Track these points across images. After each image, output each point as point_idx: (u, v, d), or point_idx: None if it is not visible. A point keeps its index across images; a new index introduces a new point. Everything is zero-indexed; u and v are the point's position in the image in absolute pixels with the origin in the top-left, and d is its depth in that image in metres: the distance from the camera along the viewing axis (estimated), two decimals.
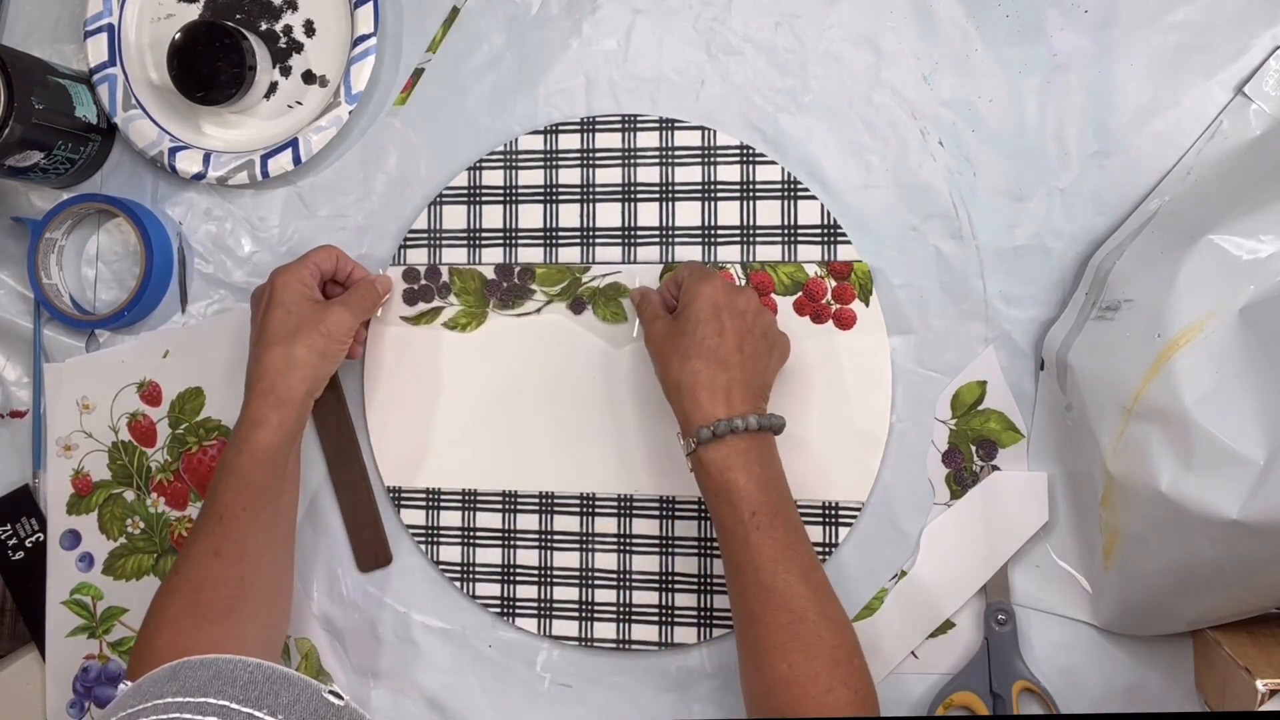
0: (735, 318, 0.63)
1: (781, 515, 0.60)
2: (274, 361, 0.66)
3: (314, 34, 0.76)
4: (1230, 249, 0.55)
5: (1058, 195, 0.68)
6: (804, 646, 0.58)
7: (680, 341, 0.63)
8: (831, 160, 0.71)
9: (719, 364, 0.62)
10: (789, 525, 0.60)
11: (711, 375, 0.61)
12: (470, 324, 0.74)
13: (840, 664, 0.58)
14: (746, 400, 0.61)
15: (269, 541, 0.67)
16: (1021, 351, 0.69)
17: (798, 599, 0.59)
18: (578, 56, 0.74)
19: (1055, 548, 0.68)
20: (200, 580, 0.65)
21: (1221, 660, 0.61)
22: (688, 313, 0.63)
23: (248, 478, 0.65)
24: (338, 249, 0.72)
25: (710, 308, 0.63)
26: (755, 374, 0.63)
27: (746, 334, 0.63)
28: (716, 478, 0.61)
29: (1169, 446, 0.55)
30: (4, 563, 0.80)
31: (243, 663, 0.54)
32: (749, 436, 0.61)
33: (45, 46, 0.80)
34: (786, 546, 0.60)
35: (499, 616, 0.74)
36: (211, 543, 0.65)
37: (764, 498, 0.60)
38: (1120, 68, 0.67)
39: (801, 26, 0.71)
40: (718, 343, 0.62)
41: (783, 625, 0.58)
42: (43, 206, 0.80)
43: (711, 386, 0.61)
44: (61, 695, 0.79)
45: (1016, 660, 0.67)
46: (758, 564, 0.59)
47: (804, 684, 0.58)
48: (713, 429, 0.60)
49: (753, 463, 0.60)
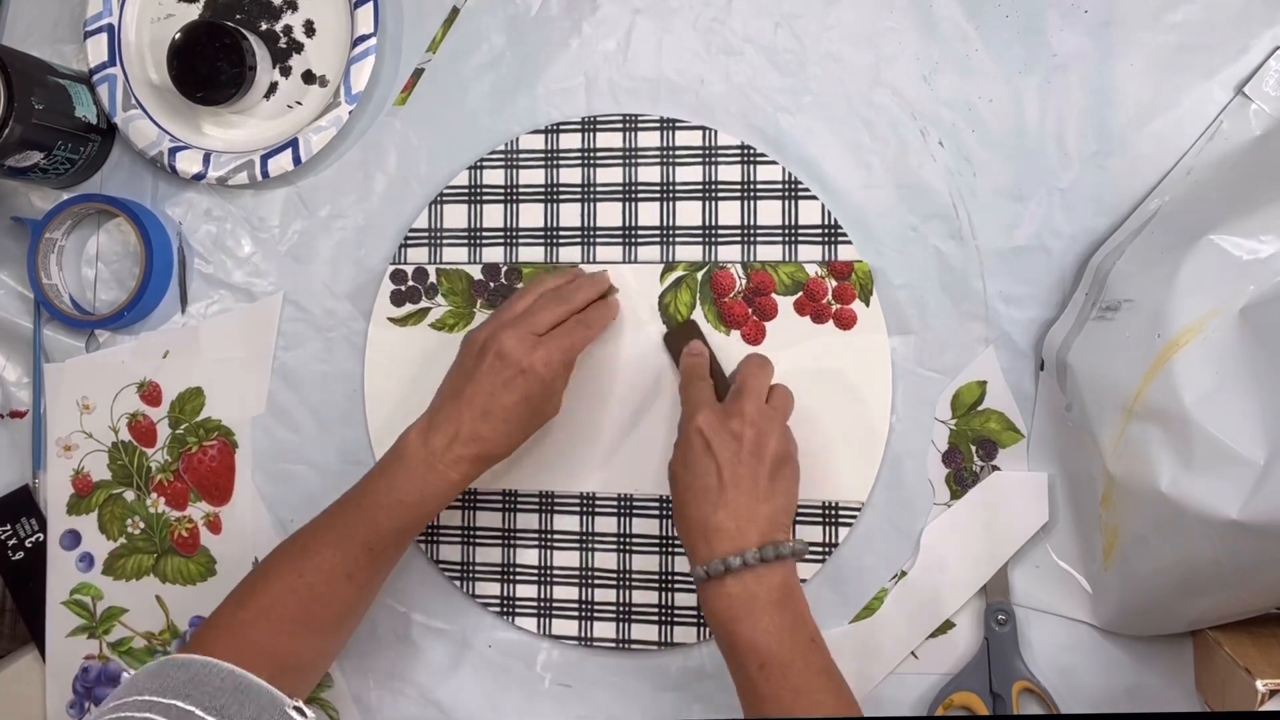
0: (725, 447, 0.59)
1: (798, 664, 0.55)
2: (497, 433, 0.63)
3: (314, 34, 0.76)
4: (1230, 249, 0.55)
5: (1058, 195, 0.68)
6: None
7: (682, 475, 0.60)
8: (831, 160, 0.71)
9: (712, 504, 0.58)
10: (807, 671, 0.56)
11: (704, 515, 0.58)
12: (458, 324, 0.74)
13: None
14: (746, 534, 0.57)
15: (387, 577, 0.67)
16: (1021, 351, 0.69)
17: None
18: (578, 56, 0.74)
19: (1055, 548, 0.68)
20: (324, 595, 0.62)
21: (1221, 660, 0.61)
22: (683, 449, 0.61)
23: (410, 519, 0.63)
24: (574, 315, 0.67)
25: (700, 440, 0.60)
26: (759, 504, 0.58)
27: (741, 465, 0.59)
28: (720, 629, 0.57)
29: (1169, 446, 0.55)
30: (4, 563, 0.80)
31: (216, 668, 0.55)
32: (754, 575, 0.57)
33: (45, 46, 0.80)
34: (804, 695, 0.55)
35: (499, 616, 0.74)
36: (349, 568, 0.63)
37: (776, 649, 0.55)
38: (1120, 68, 0.67)
39: (801, 26, 0.71)
40: (708, 482, 0.59)
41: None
42: (43, 206, 0.80)
43: (705, 528, 0.58)
44: (61, 695, 0.79)
45: (1016, 660, 0.67)
46: (767, 712, 0.55)
47: None
48: (706, 569, 0.57)
49: (760, 610, 0.56)
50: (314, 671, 0.67)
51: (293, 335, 0.77)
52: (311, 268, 0.77)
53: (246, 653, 0.61)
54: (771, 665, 0.55)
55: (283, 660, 0.62)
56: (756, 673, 0.56)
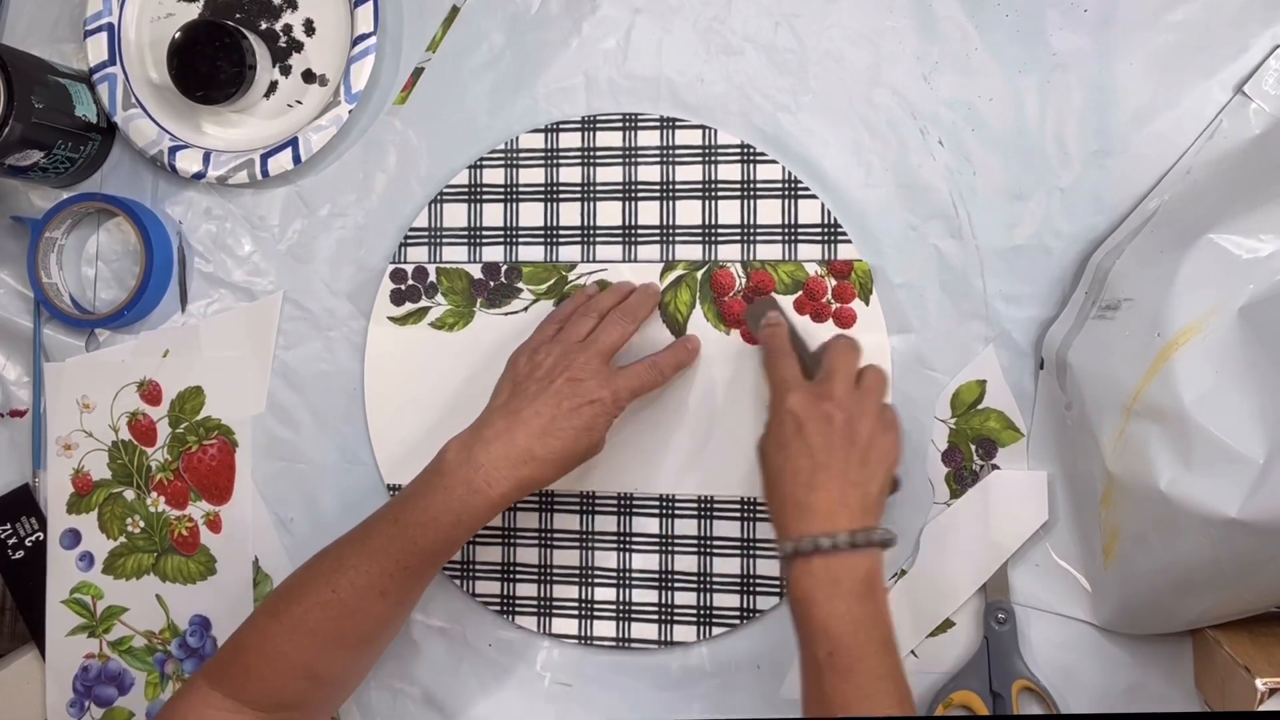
0: (818, 431, 0.59)
1: (867, 661, 0.55)
2: (552, 455, 0.62)
3: (314, 33, 0.76)
4: (1230, 248, 0.55)
5: (1058, 195, 0.68)
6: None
7: (774, 455, 0.60)
8: (831, 160, 0.71)
9: (805, 485, 0.58)
10: (875, 674, 0.54)
11: (796, 495, 0.58)
12: (458, 324, 0.74)
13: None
14: (837, 517, 0.57)
15: (421, 594, 0.66)
16: (1021, 351, 0.69)
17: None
18: (577, 56, 0.74)
19: (1055, 547, 0.68)
20: (357, 610, 0.62)
21: (1221, 660, 0.61)
22: (775, 429, 0.60)
23: (447, 539, 0.61)
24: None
25: (792, 421, 0.60)
26: (850, 488, 0.58)
27: (834, 448, 0.58)
28: (796, 606, 0.57)
29: (1168, 445, 0.55)
30: (4, 562, 0.80)
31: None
32: (840, 561, 0.56)
33: (45, 46, 0.80)
34: (866, 696, 0.54)
35: (499, 615, 0.74)
36: (382, 584, 0.62)
37: (848, 641, 0.55)
38: (1120, 67, 0.67)
39: (801, 26, 0.71)
40: (800, 464, 0.58)
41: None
42: (43, 206, 0.80)
43: (797, 506, 0.58)
44: (61, 694, 0.79)
45: (1016, 659, 0.67)
46: (828, 705, 0.55)
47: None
48: (796, 546, 0.56)
49: (840, 596, 0.55)
50: (347, 685, 0.67)
51: (293, 334, 0.77)
52: (311, 267, 0.77)
53: (278, 664, 0.61)
54: (839, 654, 0.55)
55: (315, 673, 0.62)
56: (824, 659, 0.55)
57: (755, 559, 0.70)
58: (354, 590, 0.61)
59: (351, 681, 0.67)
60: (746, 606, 0.71)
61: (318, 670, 0.62)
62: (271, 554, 0.77)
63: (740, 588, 0.71)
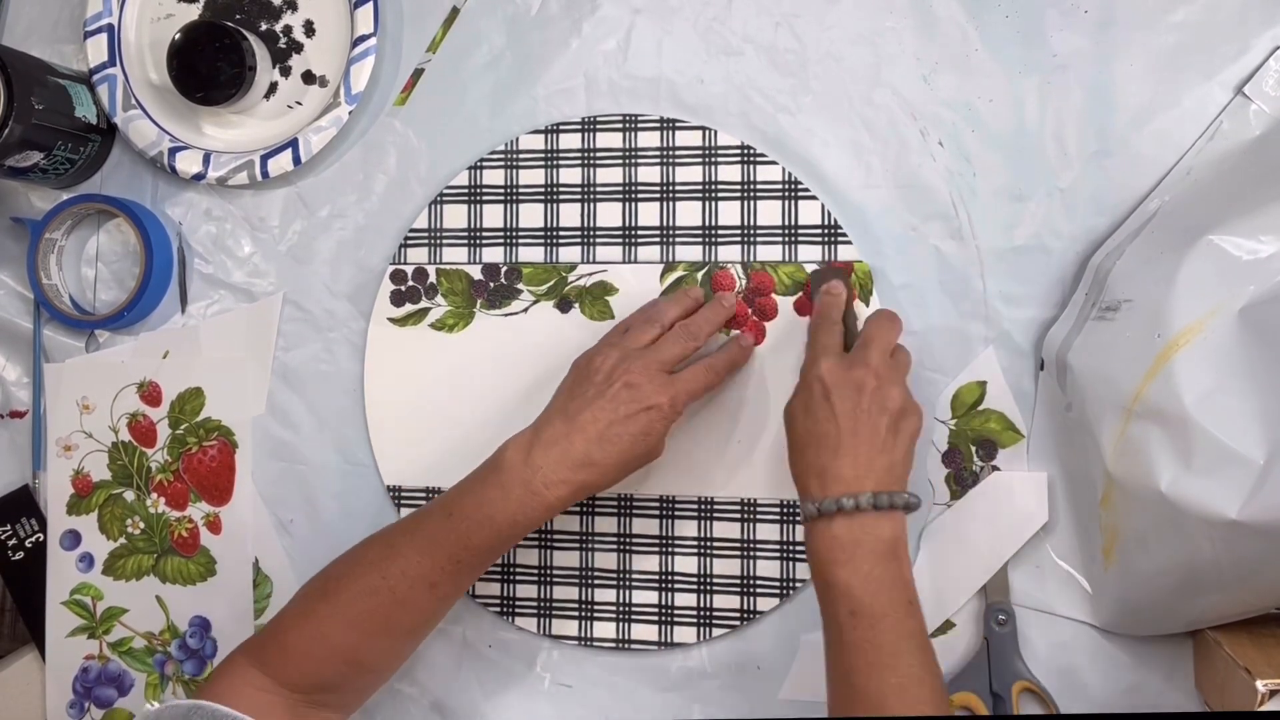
0: (846, 397, 0.59)
1: (889, 620, 0.55)
2: (609, 460, 0.61)
3: (314, 34, 0.76)
4: (1230, 249, 0.55)
5: (1058, 195, 0.68)
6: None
7: (801, 419, 0.61)
8: (831, 160, 0.71)
9: (830, 450, 0.58)
10: (897, 633, 0.55)
11: (822, 461, 0.58)
12: (458, 325, 0.74)
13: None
14: (862, 481, 0.57)
15: (467, 590, 0.66)
16: (1021, 351, 0.69)
17: (890, 710, 0.53)
18: (577, 56, 0.74)
19: (1055, 548, 0.68)
20: (406, 600, 0.62)
21: (1221, 660, 0.61)
22: (804, 394, 0.61)
23: (500, 537, 0.61)
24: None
25: (820, 388, 0.60)
26: (877, 454, 0.58)
27: (862, 414, 0.59)
28: (818, 570, 0.57)
29: (1169, 446, 0.55)
30: (4, 563, 0.80)
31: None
32: (861, 523, 0.56)
33: (45, 46, 0.80)
34: (889, 654, 0.54)
35: (499, 616, 0.74)
36: (433, 576, 0.61)
37: (870, 601, 0.55)
38: (1120, 68, 0.67)
39: (801, 26, 0.71)
40: (827, 429, 0.59)
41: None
42: (43, 206, 0.80)
43: (821, 471, 0.58)
44: (61, 695, 0.79)
45: (1016, 660, 0.67)
46: (851, 665, 0.55)
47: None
48: (818, 506, 0.57)
49: (862, 557, 0.56)
50: (385, 673, 0.67)
51: (293, 335, 0.77)
52: (311, 268, 0.77)
53: (321, 646, 0.61)
54: (862, 614, 0.55)
55: (357, 659, 0.63)
56: (846, 619, 0.55)
57: (755, 560, 0.70)
58: (405, 580, 0.61)
59: (389, 670, 0.67)
60: (746, 608, 0.70)
61: (360, 656, 0.63)
62: (271, 555, 0.77)
63: (740, 589, 0.71)
